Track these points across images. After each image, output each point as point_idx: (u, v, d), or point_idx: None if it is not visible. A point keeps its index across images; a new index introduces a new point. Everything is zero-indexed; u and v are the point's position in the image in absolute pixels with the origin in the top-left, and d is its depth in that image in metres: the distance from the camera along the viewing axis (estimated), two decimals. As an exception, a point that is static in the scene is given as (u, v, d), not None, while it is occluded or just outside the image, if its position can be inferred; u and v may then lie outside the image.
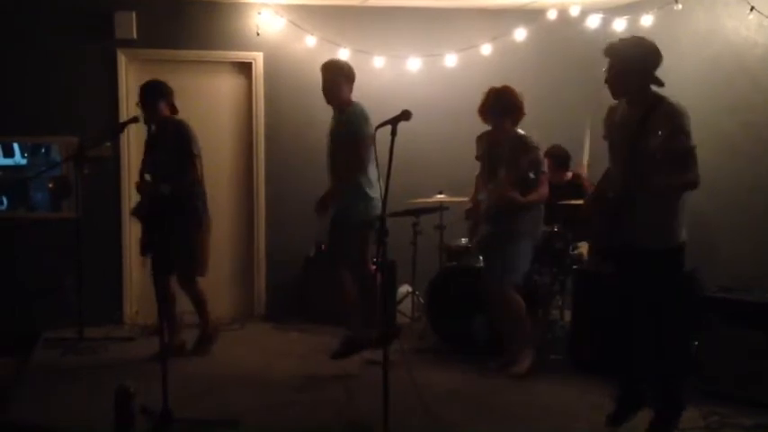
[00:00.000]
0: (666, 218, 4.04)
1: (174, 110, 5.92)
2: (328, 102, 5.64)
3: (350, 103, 5.61)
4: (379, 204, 4.36)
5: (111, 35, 7.00)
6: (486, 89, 5.49)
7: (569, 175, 6.61)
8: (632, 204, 3.98)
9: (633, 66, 4.04)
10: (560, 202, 5.91)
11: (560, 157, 6.54)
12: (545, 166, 5.55)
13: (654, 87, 4.08)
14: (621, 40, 4.20)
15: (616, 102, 4.24)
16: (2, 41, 6.88)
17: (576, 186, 6.39)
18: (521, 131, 5.47)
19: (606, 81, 4.13)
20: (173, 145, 5.73)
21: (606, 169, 4.35)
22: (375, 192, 5.33)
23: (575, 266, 5.82)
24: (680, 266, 4.16)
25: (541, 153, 5.51)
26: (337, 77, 5.60)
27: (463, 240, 6.31)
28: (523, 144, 5.38)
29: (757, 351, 4.72)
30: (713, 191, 6.13)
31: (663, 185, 3.94)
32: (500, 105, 5.42)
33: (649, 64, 4.06)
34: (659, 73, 4.04)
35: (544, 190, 5.49)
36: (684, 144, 3.89)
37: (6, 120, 6.72)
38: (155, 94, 5.83)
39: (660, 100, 4.02)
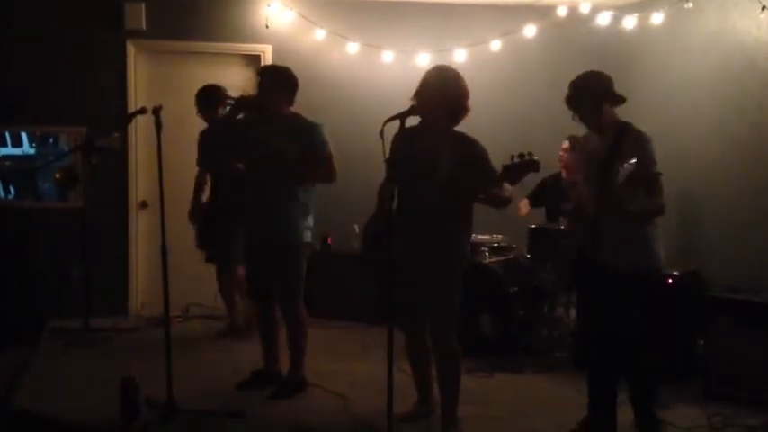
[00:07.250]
0: (644, 242, 4.07)
1: None
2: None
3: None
4: None
5: (120, 26, 7.00)
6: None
7: None
8: (607, 226, 4.02)
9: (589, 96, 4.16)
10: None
11: None
12: None
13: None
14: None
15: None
16: (11, 31, 6.88)
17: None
18: None
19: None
20: None
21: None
22: None
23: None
24: (654, 290, 4.20)
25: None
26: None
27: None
28: None
29: (763, 352, 4.72)
30: (719, 191, 6.11)
31: (633, 211, 3.95)
32: None
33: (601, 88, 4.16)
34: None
35: None
36: (651, 171, 3.96)
37: (15, 109, 6.73)
38: None
39: (626, 127, 4.10)
